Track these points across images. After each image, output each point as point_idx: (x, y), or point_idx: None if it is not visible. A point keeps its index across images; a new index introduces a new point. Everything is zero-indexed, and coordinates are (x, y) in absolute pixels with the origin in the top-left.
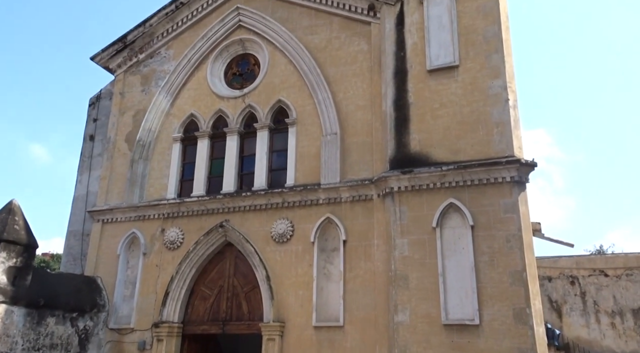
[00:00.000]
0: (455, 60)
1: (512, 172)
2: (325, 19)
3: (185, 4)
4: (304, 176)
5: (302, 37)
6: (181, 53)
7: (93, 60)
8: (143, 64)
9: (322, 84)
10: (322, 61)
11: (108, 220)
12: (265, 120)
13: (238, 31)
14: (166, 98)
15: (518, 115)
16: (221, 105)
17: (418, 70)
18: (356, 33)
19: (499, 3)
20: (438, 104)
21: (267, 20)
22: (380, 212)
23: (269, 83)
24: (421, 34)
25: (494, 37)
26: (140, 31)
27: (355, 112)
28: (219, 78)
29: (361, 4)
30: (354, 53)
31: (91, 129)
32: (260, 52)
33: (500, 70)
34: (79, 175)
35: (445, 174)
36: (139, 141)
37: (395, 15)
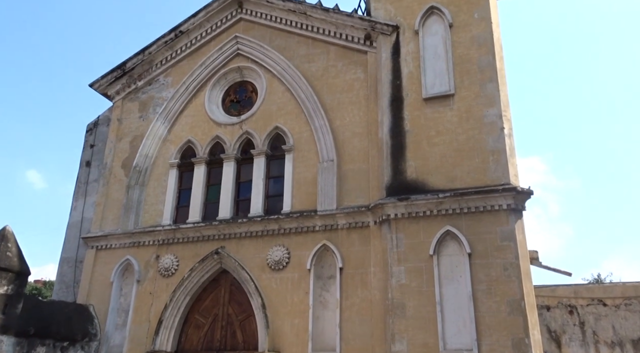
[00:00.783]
0: (451, 89)
1: (508, 199)
2: (322, 48)
3: (185, 32)
4: (301, 203)
5: (300, 65)
6: (179, 80)
7: (92, 87)
8: (141, 90)
9: (319, 111)
10: (319, 89)
11: (102, 246)
12: (262, 147)
13: (236, 59)
14: (164, 124)
15: (513, 143)
16: (218, 132)
17: (414, 99)
18: (353, 61)
19: (492, 34)
20: (434, 132)
21: (265, 49)
22: (377, 239)
23: (266, 110)
24: (417, 63)
25: (489, 66)
26: (139, 59)
27: (351, 139)
28: (216, 105)
29: (358, 34)
30: (350, 81)
31: (88, 154)
32: (258, 80)
33: (495, 99)
34: (74, 201)
35: (442, 201)
36: (135, 167)
37: (391, 44)
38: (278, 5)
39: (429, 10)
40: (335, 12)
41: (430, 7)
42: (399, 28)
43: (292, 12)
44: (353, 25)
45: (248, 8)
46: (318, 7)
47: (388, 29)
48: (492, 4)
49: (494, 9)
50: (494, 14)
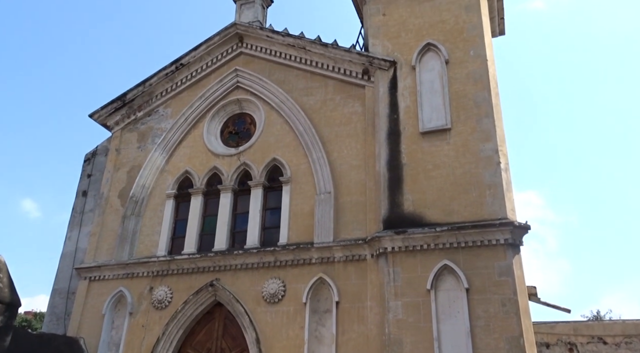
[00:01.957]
0: (447, 124)
1: (505, 234)
2: (320, 82)
3: (185, 65)
4: (297, 235)
5: (298, 98)
6: (179, 111)
7: (92, 117)
8: (141, 121)
9: (317, 144)
10: (317, 121)
11: (95, 277)
12: (260, 178)
13: (236, 91)
14: (162, 155)
15: (510, 177)
16: (216, 163)
17: (411, 132)
18: (350, 95)
19: (488, 70)
20: (431, 165)
21: (264, 82)
22: (373, 273)
23: (264, 142)
24: (414, 98)
25: (484, 102)
26: (139, 90)
27: (349, 171)
28: (215, 136)
29: (355, 68)
30: (348, 114)
31: (84, 184)
32: (256, 112)
33: (491, 134)
34: (69, 231)
35: (439, 235)
36: (132, 197)
37: (388, 79)
38: (278, 40)
39: (426, 46)
40: (334, 47)
41: (426, 43)
42: (396, 63)
43: (291, 46)
44: (351, 60)
45: (248, 42)
46: (317, 42)
47: (385, 64)
48: (487, 42)
49: (489, 46)
50: (489, 52)
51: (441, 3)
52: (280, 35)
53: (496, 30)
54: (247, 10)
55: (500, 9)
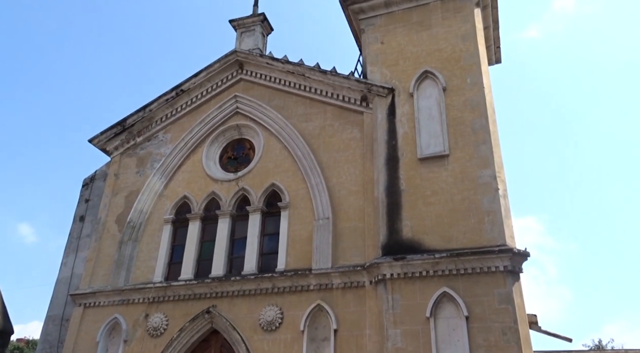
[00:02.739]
0: (445, 150)
1: (505, 261)
2: (319, 108)
3: (186, 91)
4: (295, 261)
5: (297, 124)
6: (178, 137)
7: (91, 142)
8: (140, 146)
9: (316, 169)
10: (316, 147)
11: (90, 304)
12: (258, 204)
13: (235, 117)
14: (160, 180)
15: (508, 204)
16: (215, 188)
17: (409, 158)
18: (349, 121)
19: (485, 98)
20: (430, 191)
21: (263, 108)
22: (372, 300)
23: (263, 167)
24: (412, 124)
25: (482, 129)
26: (139, 115)
27: (347, 197)
28: (214, 161)
29: (354, 95)
30: (347, 140)
31: (82, 209)
32: (255, 137)
33: (489, 161)
34: (65, 257)
35: (438, 262)
36: (129, 222)
37: (386, 106)
38: (277, 66)
39: (424, 74)
40: (333, 74)
41: (424, 71)
42: (394, 90)
43: (291, 73)
44: (350, 87)
45: (248, 69)
46: (316, 69)
47: (384, 91)
48: (483, 70)
49: (485, 74)
50: (485, 79)
51: (438, 32)
52: (280, 62)
53: (492, 58)
54: (247, 38)
55: (496, 38)
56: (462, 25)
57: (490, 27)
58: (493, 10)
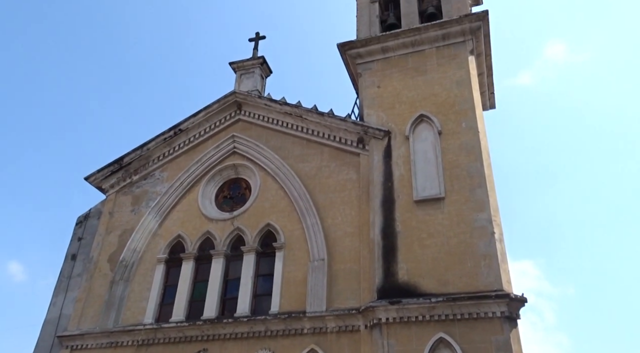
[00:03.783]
0: (441, 193)
1: (502, 307)
2: (316, 149)
3: (184, 130)
4: (289, 303)
5: (294, 164)
6: (175, 175)
7: (87, 180)
8: (136, 185)
9: (312, 210)
10: (312, 188)
11: (78, 346)
12: (253, 244)
13: (232, 157)
14: (155, 218)
15: (504, 248)
16: (209, 227)
17: (405, 201)
18: (345, 163)
19: (480, 142)
20: (425, 234)
21: (260, 148)
22: (367, 345)
23: (259, 207)
24: (408, 167)
25: (477, 173)
26: (137, 154)
27: (343, 238)
28: (209, 200)
29: (351, 137)
30: (343, 181)
31: (75, 247)
32: (252, 177)
33: (484, 204)
34: (54, 297)
35: (435, 306)
36: (121, 261)
37: (383, 148)
38: (275, 108)
39: (419, 117)
40: (330, 116)
41: (420, 115)
42: (390, 133)
43: (288, 114)
44: (347, 128)
45: (247, 110)
46: (313, 111)
47: (380, 133)
48: (478, 115)
49: (480, 119)
50: (480, 124)
51: (433, 78)
52: (278, 104)
53: (487, 104)
54: (246, 80)
55: (490, 84)
56: (456, 72)
57: (485, 73)
58: (487, 57)
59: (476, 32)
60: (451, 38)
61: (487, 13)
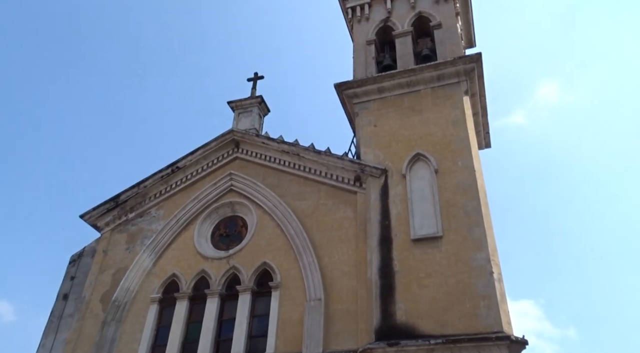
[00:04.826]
0: (439, 231)
1: (502, 349)
2: (313, 187)
3: (181, 168)
4: (285, 344)
5: (291, 202)
6: (171, 213)
7: (82, 218)
8: (132, 222)
9: (308, 248)
10: (309, 226)
11: None
12: (249, 283)
13: (229, 194)
14: (150, 257)
15: (504, 288)
16: (205, 266)
17: (403, 239)
18: (343, 201)
19: (476, 181)
20: (424, 274)
21: (257, 186)
22: None
23: (255, 245)
24: (405, 205)
25: (474, 211)
26: (133, 191)
27: (340, 277)
28: (205, 238)
29: (348, 175)
30: (340, 219)
31: (67, 287)
32: (249, 215)
33: (482, 243)
34: (44, 338)
35: (434, 348)
36: (114, 301)
37: (380, 186)
38: (273, 146)
39: (416, 156)
40: (327, 154)
41: (416, 153)
42: (387, 171)
43: (285, 153)
44: (344, 167)
45: (244, 148)
46: (311, 149)
47: (377, 171)
48: (474, 154)
49: (476, 158)
50: (476, 163)
51: (429, 117)
52: (276, 142)
53: (482, 143)
54: (244, 118)
55: (485, 124)
56: (452, 111)
57: (479, 113)
58: (481, 98)
59: (470, 73)
60: (446, 79)
61: (481, 55)
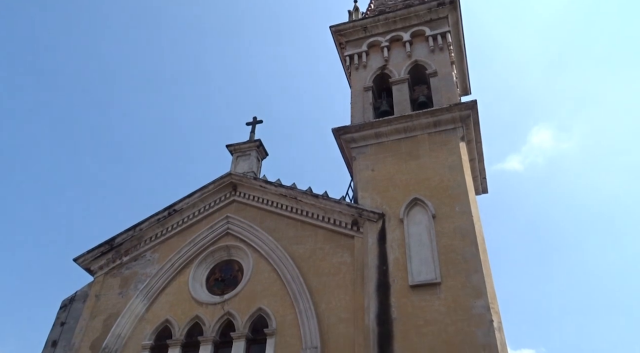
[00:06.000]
0: (437, 277)
1: None
2: (310, 231)
3: (178, 211)
4: None
5: (288, 246)
6: (166, 257)
7: (76, 261)
8: (126, 266)
9: (305, 294)
10: (306, 271)
11: None
12: (243, 330)
13: (225, 238)
14: (143, 302)
15: (504, 338)
16: (199, 312)
17: (401, 285)
18: (340, 245)
19: (474, 226)
20: (422, 321)
21: (254, 229)
22: None
23: (250, 290)
24: (402, 250)
25: (473, 257)
26: (129, 234)
27: (337, 324)
28: (200, 283)
29: (345, 219)
30: (337, 264)
31: (56, 333)
32: (245, 259)
33: (481, 291)
34: None
35: None
36: (104, 348)
37: (377, 231)
38: (270, 189)
39: (413, 201)
40: (324, 198)
41: (414, 198)
42: (384, 216)
43: (283, 196)
44: (341, 211)
45: (242, 191)
46: (308, 193)
47: (374, 216)
48: (471, 199)
49: (473, 203)
50: (474, 208)
51: (426, 162)
52: (273, 186)
53: (479, 188)
54: (242, 162)
55: (482, 170)
56: (448, 157)
57: (476, 159)
58: (477, 144)
59: (466, 120)
60: (442, 125)
61: (476, 103)
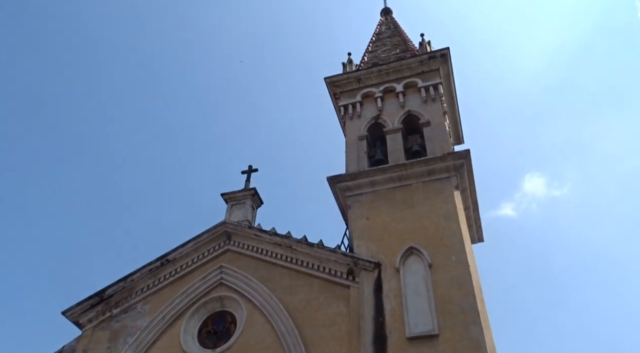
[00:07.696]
0: (435, 329)
1: None
2: (305, 280)
3: (171, 261)
4: None
5: (282, 296)
6: (158, 308)
7: (65, 314)
8: (115, 318)
9: (299, 347)
10: (301, 322)
11: None
12: None
13: (219, 288)
14: None
15: None
16: None
17: (397, 337)
18: (335, 295)
19: (471, 276)
20: None
21: (248, 279)
22: None
23: (244, 343)
24: (399, 300)
25: (470, 308)
26: (120, 286)
27: None
28: (192, 336)
29: (340, 269)
30: (332, 315)
31: None
32: (238, 310)
33: (480, 343)
34: None
35: None
36: None
37: (373, 280)
38: (265, 238)
39: (409, 250)
40: (320, 247)
41: (409, 247)
42: (380, 265)
43: (278, 245)
44: (336, 260)
45: (236, 240)
46: (303, 241)
47: (370, 265)
48: (467, 248)
49: (469, 252)
50: (470, 257)
51: (421, 211)
52: (268, 234)
53: (475, 237)
54: (237, 210)
55: (477, 218)
56: (443, 206)
57: (470, 208)
58: (471, 193)
59: (460, 169)
60: (436, 174)
61: (469, 152)
